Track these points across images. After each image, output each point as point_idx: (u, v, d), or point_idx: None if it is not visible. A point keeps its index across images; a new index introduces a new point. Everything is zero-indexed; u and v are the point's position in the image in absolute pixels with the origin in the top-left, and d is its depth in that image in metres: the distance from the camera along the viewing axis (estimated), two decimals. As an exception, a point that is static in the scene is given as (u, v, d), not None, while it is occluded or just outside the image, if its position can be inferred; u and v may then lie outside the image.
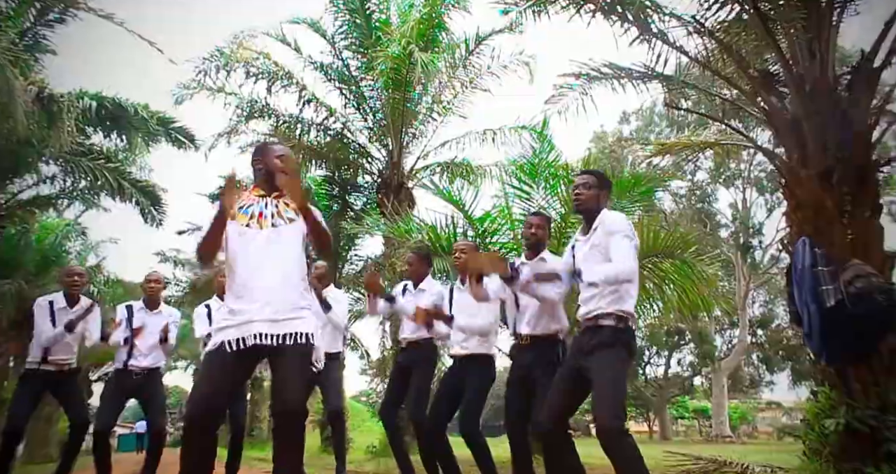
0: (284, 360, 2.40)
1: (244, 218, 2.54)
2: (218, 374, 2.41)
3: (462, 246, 3.96)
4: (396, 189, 10.23)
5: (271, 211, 2.57)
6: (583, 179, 2.97)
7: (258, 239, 2.52)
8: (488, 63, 9.93)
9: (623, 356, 2.73)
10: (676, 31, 4.84)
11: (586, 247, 2.90)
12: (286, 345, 2.40)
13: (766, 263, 21.12)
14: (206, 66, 9.09)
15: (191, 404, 2.38)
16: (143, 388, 4.45)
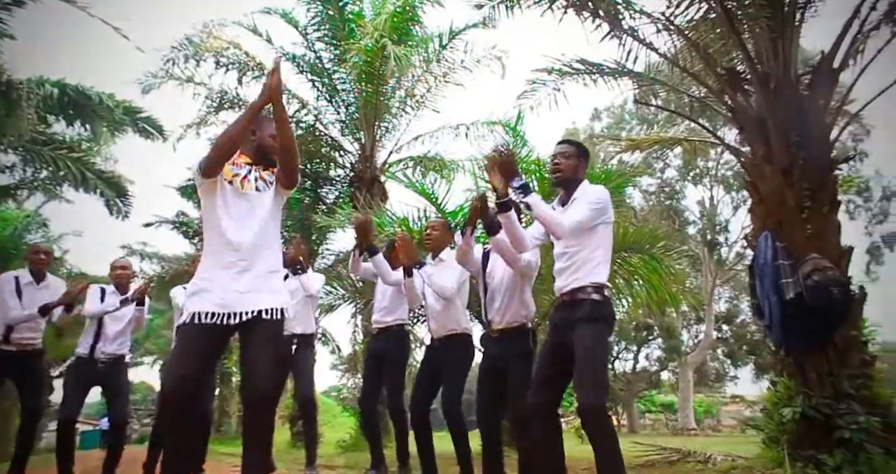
0: (256, 338, 2.35)
1: (230, 174, 2.52)
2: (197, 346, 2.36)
3: (434, 223, 3.99)
4: (369, 182, 10.19)
5: (255, 175, 2.56)
6: (561, 148, 2.90)
7: (240, 199, 2.50)
8: (462, 57, 9.93)
9: (603, 330, 2.70)
10: (647, 28, 4.93)
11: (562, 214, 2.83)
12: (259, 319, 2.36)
13: (732, 260, 21.63)
14: (175, 55, 8.90)
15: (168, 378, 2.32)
16: (107, 377, 4.31)
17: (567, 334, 2.70)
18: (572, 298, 2.76)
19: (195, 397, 2.40)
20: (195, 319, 2.36)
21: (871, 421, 3.66)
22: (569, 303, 2.77)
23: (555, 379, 2.78)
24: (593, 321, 2.67)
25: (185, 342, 2.40)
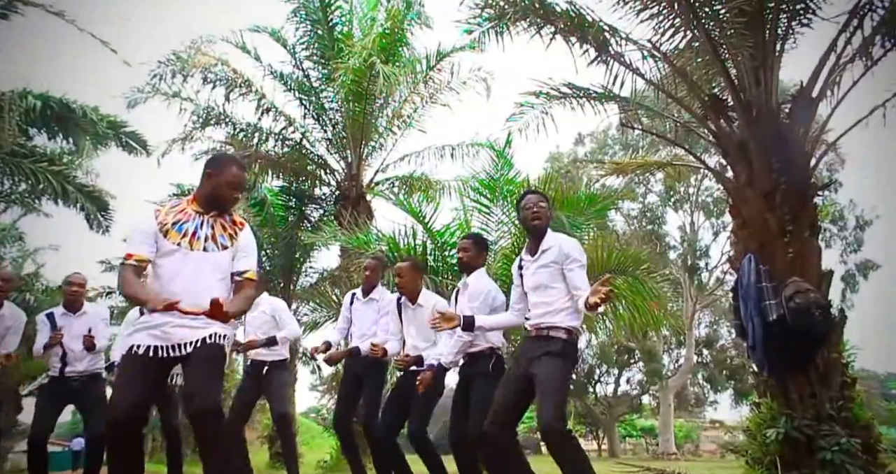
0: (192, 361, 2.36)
1: (176, 236, 2.46)
2: (140, 377, 2.36)
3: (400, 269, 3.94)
4: (355, 201, 10.19)
5: (206, 233, 2.50)
6: (539, 198, 3.05)
7: (186, 260, 2.45)
8: (448, 79, 10.07)
9: (569, 365, 2.87)
10: (633, 54, 5.04)
11: (534, 266, 2.99)
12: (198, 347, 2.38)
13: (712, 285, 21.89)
14: (162, 71, 8.89)
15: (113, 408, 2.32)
16: (81, 394, 4.24)
17: (533, 366, 2.82)
18: (546, 334, 2.88)
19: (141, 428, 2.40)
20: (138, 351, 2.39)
21: (851, 443, 3.70)
22: (540, 338, 2.89)
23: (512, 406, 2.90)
24: (560, 355, 2.81)
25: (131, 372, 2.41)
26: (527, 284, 3.02)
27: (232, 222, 2.59)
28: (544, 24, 5.13)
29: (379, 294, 4.27)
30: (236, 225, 2.59)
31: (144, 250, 2.45)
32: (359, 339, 4.22)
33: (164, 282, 2.44)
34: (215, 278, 2.48)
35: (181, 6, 29.54)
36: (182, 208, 2.54)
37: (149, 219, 2.51)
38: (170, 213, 2.51)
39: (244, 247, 2.57)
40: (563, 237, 3.03)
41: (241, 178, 2.56)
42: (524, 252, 3.11)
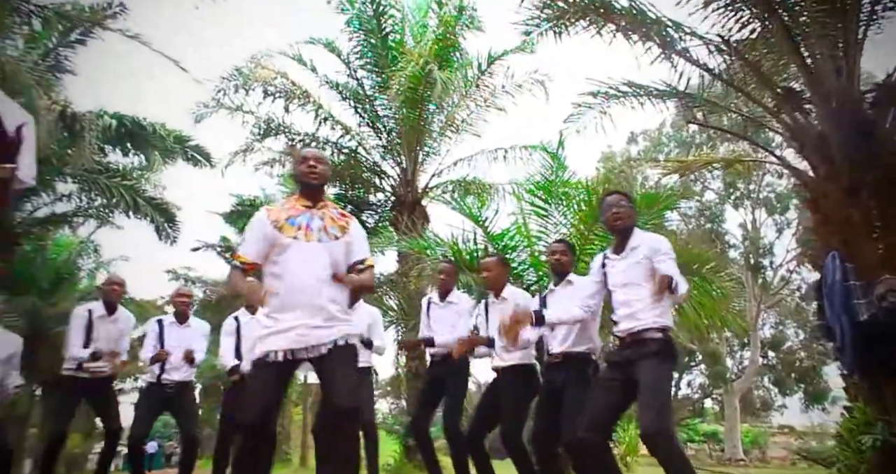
0: (326, 363, 2.46)
1: (291, 229, 2.56)
2: (270, 383, 2.47)
3: (486, 263, 4.01)
4: (411, 206, 10.29)
5: (318, 225, 2.59)
6: (618, 198, 3.03)
7: (303, 252, 2.54)
8: (502, 82, 10.05)
9: (669, 366, 2.79)
10: (698, 50, 4.91)
11: (622, 264, 2.94)
12: (331, 348, 2.47)
13: (777, 284, 21.02)
14: (225, 86, 9.23)
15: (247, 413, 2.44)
16: (175, 401, 4.51)
17: (632, 370, 2.77)
18: (640, 338, 2.83)
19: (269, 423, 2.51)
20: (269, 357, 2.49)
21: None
22: (636, 342, 2.83)
23: (608, 411, 2.86)
24: (659, 355, 2.75)
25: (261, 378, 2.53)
26: (613, 282, 2.97)
27: (340, 214, 2.69)
28: (605, 22, 5.07)
29: (456, 297, 4.29)
30: (345, 217, 2.69)
31: (252, 252, 2.58)
32: (440, 344, 4.24)
33: (288, 277, 2.53)
34: (333, 269, 2.56)
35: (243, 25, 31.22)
36: (291, 205, 2.66)
37: (260, 219, 2.62)
38: (281, 211, 2.62)
39: (356, 237, 2.67)
40: (651, 234, 3.02)
41: (310, 153, 2.69)
42: (609, 250, 3.07)
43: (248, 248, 2.60)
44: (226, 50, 66.79)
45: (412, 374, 9.64)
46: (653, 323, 2.80)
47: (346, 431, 2.37)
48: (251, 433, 2.40)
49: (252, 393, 2.50)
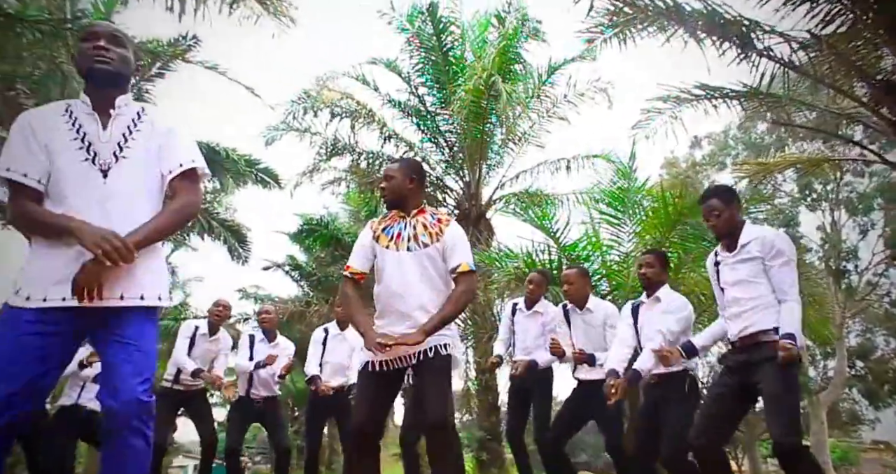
0: (423, 374, 2.52)
1: (385, 239, 2.64)
2: (372, 392, 2.54)
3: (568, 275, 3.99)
4: (476, 219, 10.30)
5: (409, 233, 2.62)
6: (708, 206, 2.87)
7: (397, 260, 2.60)
8: (564, 92, 9.98)
9: (793, 370, 2.60)
10: (780, 47, 4.72)
11: (733, 260, 2.81)
12: (427, 357, 2.52)
13: (863, 289, 19.75)
14: (294, 109, 9.55)
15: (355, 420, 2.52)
16: (264, 414, 4.73)
17: (748, 376, 2.65)
18: (756, 341, 2.69)
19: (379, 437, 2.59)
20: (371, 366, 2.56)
21: None
22: (751, 346, 2.70)
23: (723, 421, 2.74)
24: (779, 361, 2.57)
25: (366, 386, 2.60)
26: (724, 280, 2.84)
27: (437, 220, 2.67)
28: (678, 26, 4.95)
29: (543, 307, 4.26)
30: (441, 222, 2.67)
31: (358, 263, 2.67)
32: (521, 352, 4.23)
33: (382, 284, 2.62)
34: (423, 277, 2.59)
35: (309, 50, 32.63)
36: (390, 216, 2.73)
37: (365, 231, 2.72)
38: (381, 222, 2.71)
39: (451, 243, 2.62)
40: (767, 229, 2.85)
41: (385, 170, 2.73)
42: (720, 247, 2.92)
43: (354, 259, 2.69)
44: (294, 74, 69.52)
45: (482, 387, 9.59)
46: (768, 323, 2.65)
47: (441, 442, 2.41)
48: (358, 440, 2.48)
49: (357, 402, 2.60)
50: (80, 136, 1.80)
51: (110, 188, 1.77)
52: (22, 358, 1.63)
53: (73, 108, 1.85)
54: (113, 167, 1.79)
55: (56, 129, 1.80)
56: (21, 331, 1.65)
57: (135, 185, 1.81)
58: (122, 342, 1.71)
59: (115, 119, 1.85)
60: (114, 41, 1.87)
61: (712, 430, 2.72)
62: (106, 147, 1.80)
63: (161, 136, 1.88)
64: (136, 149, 1.83)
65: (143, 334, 1.75)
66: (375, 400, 2.54)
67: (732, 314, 2.78)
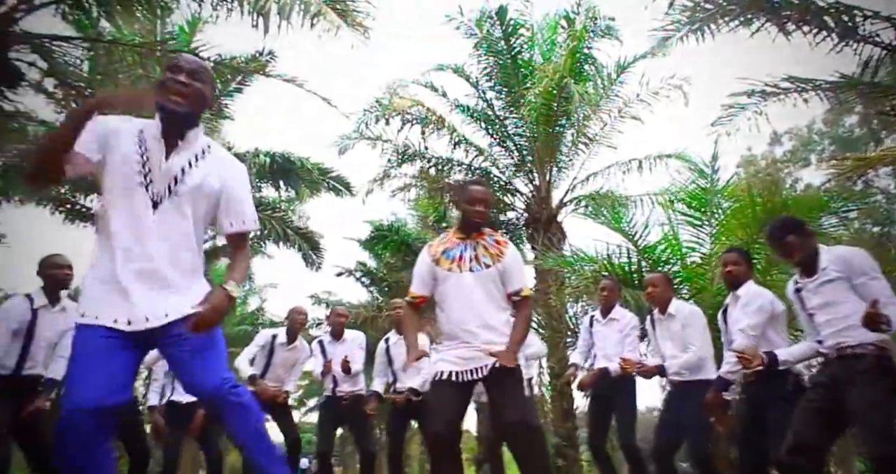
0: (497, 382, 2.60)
1: (447, 262, 2.72)
2: (448, 400, 2.62)
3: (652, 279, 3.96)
4: (546, 223, 10.18)
5: (470, 254, 2.71)
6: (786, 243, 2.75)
7: (460, 282, 2.68)
8: (636, 90, 9.73)
9: (889, 384, 2.50)
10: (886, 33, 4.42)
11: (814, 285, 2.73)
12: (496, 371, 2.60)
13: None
14: (367, 117, 9.76)
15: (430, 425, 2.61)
16: (349, 414, 4.75)
17: (841, 392, 2.53)
18: (852, 353, 2.58)
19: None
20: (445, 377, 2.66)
21: None
22: (847, 358, 2.59)
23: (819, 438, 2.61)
24: (873, 374, 2.50)
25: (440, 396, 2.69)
26: (810, 306, 2.74)
27: (495, 242, 2.76)
28: (770, 18, 4.73)
29: (619, 313, 4.22)
30: (500, 244, 2.76)
31: (418, 287, 2.79)
32: (603, 361, 4.16)
33: (446, 306, 2.72)
34: (486, 297, 2.68)
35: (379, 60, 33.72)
36: (448, 238, 2.81)
37: (423, 256, 2.81)
38: (439, 246, 2.79)
39: (511, 265, 2.72)
40: (843, 250, 2.75)
41: (480, 193, 2.75)
42: (799, 274, 2.82)
43: (415, 284, 2.82)
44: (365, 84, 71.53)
45: (557, 392, 9.44)
46: (864, 337, 2.53)
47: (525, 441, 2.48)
48: (438, 446, 2.55)
49: (433, 410, 2.66)
50: (143, 161, 1.84)
51: (158, 218, 1.82)
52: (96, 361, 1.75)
53: (144, 130, 1.88)
54: (164, 200, 1.83)
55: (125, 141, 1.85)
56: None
57: (181, 219, 1.86)
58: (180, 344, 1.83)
59: (180, 152, 1.88)
60: (194, 76, 1.87)
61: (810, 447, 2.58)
62: (163, 178, 1.84)
63: (221, 180, 1.91)
64: (190, 186, 1.86)
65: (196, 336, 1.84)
66: (451, 407, 2.61)
67: (828, 334, 2.67)
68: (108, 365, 1.72)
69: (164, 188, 1.84)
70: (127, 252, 1.78)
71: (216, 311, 1.71)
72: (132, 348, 1.79)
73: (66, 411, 1.65)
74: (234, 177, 1.95)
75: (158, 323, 1.78)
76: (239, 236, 1.94)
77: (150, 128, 1.87)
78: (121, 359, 1.75)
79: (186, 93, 1.83)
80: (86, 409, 1.64)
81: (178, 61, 1.92)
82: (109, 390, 1.69)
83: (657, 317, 3.89)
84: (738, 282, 3.32)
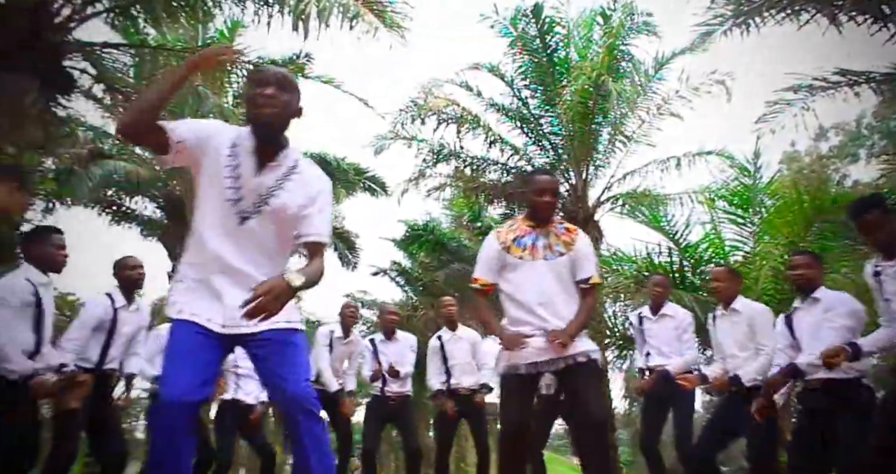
0: (576, 377, 2.55)
1: (518, 250, 2.68)
2: (520, 396, 2.60)
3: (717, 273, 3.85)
4: (583, 222, 10.06)
5: (542, 243, 2.68)
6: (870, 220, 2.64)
7: (533, 270, 2.65)
8: (675, 86, 9.53)
9: None
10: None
11: (894, 269, 2.61)
12: (575, 363, 2.56)
13: None
14: (403, 118, 9.81)
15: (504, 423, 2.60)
16: (398, 413, 4.78)
17: None
18: None
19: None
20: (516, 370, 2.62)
21: None
22: None
23: None
24: None
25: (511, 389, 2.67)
26: (889, 290, 2.63)
27: (566, 230, 2.75)
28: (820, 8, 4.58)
29: (672, 310, 4.15)
30: (570, 232, 2.75)
31: (485, 274, 2.74)
32: (658, 358, 4.09)
33: (517, 295, 2.68)
34: (559, 286, 2.67)
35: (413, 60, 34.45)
36: (517, 226, 2.78)
37: (491, 242, 2.76)
38: (508, 233, 2.75)
39: (583, 253, 2.72)
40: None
41: (546, 183, 2.74)
42: (879, 257, 2.71)
43: (482, 271, 2.76)
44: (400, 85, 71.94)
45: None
46: None
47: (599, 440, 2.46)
48: (510, 442, 2.53)
49: (506, 406, 2.64)
50: (235, 175, 1.87)
51: (247, 231, 1.88)
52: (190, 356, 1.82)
53: (238, 142, 1.90)
54: (252, 217, 1.87)
55: (220, 150, 1.88)
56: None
57: (267, 236, 1.91)
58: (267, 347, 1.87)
59: (270, 169, 1.90)
60: (281, 87, 1.87)
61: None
62: (252, 194, 1.87)
63: (306, 198, 1.93)
64: (276, 204, 1.89)
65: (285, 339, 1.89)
66: (524, 402, 2.59)
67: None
68: (197, 361, 1.79)
69: (252, 204, 1.87)
70: (219, 260, 1.86)
71: (274, 298, 1.71)
72: (219, 347, 1.86)
73: (161, 402, 1.73)
74: (320, 193, 1.97)
75: (250, 330, 1.84)
76: (315, 245, 1.96)
77: (244, 140, 1.90)
78: (209, 357, 1.83)
79: (277, 105, 1.85)
80: (177, 402, 1.71)
81: (263, 74, 1.91)
82: (198, 385, 1.76)
83: (719, 313, 3.75)
84: (812, 285, 3.19)
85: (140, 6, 5.94)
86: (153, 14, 5.96)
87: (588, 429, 2.49)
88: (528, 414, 2.63)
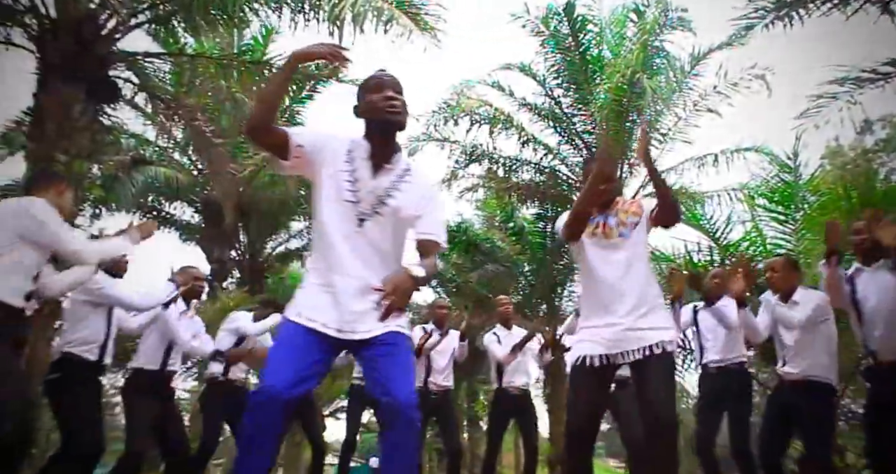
0: (649, 371, 2.35)
1: (590, 227, 2.53)
2: (589, 390, 2.44)
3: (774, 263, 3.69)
4: (618, 221, 9.96)
5: (614, 221, 2.52)
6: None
7: (605, 249, 2.50)
8: (713, 82, 9.34)
9: None
10: None
11: None
12: (650, 355, 2.35)
13: None
14: (436, 119, 9.85)
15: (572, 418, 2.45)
16: (439, 409, 4.70)
17: None
18: None
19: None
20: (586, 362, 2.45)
21: None
22: None
23: None
24: None
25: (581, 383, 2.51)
26: None
27: (631, 202, 2.60)
28: None
29: (726, 300, 3.99)
30: (635, 202, 2.60)
31: None
32: (713, 353, 3.98)
33: (588, 275, 2.54)
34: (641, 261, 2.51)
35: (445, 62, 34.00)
36: None
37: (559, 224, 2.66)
38: None
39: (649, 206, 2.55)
40: None
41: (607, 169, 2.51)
42: None
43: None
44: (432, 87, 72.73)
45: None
46: None
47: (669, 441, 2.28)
48: (577, 441, 2.42)
49: (573, 399, 2.48)
50: (353, 180, 1.92)
51: (365, 234, 1.92)
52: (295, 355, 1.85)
53: (353, 149, 1.97)
54: (368, 219, 1.92)
55: (337, 156, 1.95)
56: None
57: (383, 238, 1.95)
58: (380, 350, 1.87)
59: (385, 173, 1.95)
60: (397, 89, 1.96)
61: None
62: (369, 197, 1.92)
63: (421, 199, 1.97)
64: (392, 207, 1.94)
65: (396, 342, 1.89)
66: (593, 398, 2.44)
67: None
68: (304, 360, 1.81)
69: (370, 207, 1.93)
70: (340, 264, 1.89)
71: (402, 293, 1.71)
72: (330, 349, 1.88)
73: (259, 393, 1.75)
74: (433, 196, 2.05)
75: (364, 336, 1.86)
76: (430, 243, 1.97)
77: (358, 147, 1.97)
78: (317, 357, 1.85)
79: (400, 106, 1.94)
80: (274, 395, 1.73)
81: (379, 79, 1.98)
82: (297, 382, 1.77)
83: (776, 303, 3.59)
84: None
85: (180, 16, 6.09)
86: (192, 23, 6.10)
87: (658, 431, 2.27)
88: (597, 412, 2.48)
